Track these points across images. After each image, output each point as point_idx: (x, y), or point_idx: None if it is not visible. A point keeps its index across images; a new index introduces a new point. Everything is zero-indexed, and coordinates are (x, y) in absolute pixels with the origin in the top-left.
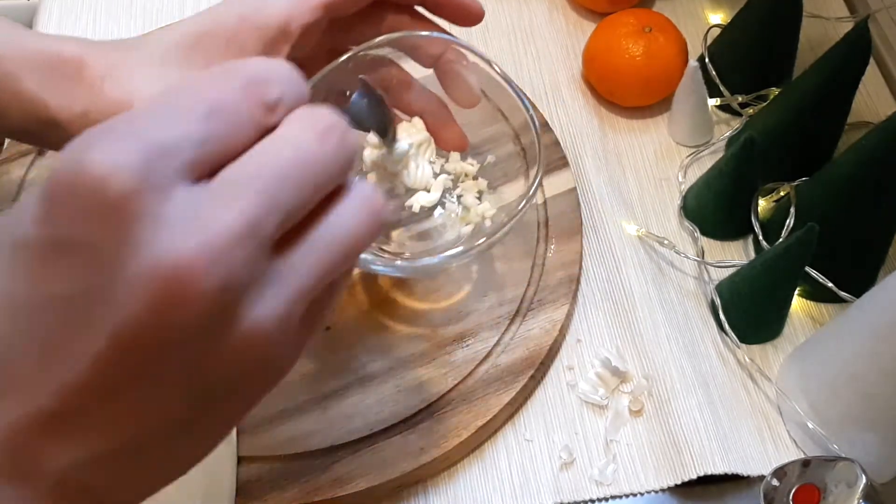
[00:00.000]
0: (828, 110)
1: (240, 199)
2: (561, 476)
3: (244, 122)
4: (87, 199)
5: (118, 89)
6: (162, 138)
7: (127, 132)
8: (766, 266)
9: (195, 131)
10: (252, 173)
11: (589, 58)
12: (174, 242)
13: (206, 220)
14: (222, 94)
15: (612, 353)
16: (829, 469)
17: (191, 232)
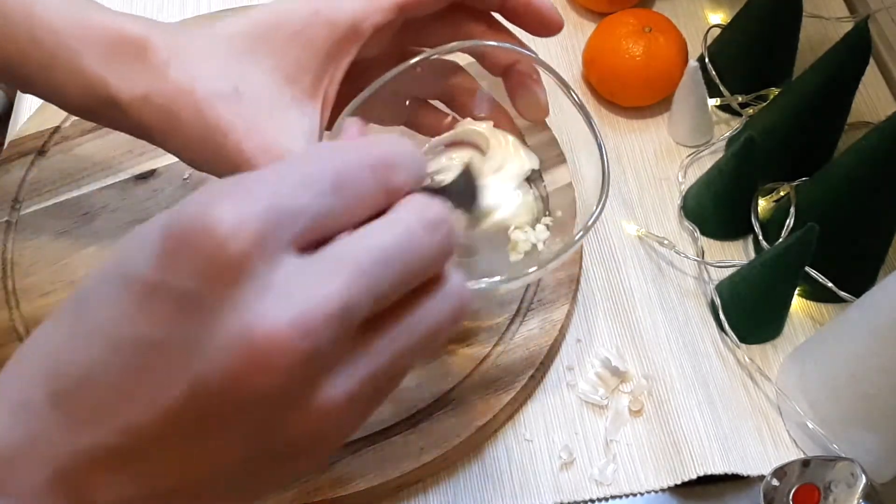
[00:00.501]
0: (828, 110)
1: (341, 277)
2: (561, 476)
3: (364, 202)
4: (206, 256)
5: (181, 74)
6: (286, 205)
7: (255, 193)
8: (766, 266)
9: (317, 204)
10: (358, 254)
11: (589, 58)
12: (272, 311)
13: (306, 295)
14: (352, 171)
15: (611, 353)
16: (829, 469)
17: (289, 304)
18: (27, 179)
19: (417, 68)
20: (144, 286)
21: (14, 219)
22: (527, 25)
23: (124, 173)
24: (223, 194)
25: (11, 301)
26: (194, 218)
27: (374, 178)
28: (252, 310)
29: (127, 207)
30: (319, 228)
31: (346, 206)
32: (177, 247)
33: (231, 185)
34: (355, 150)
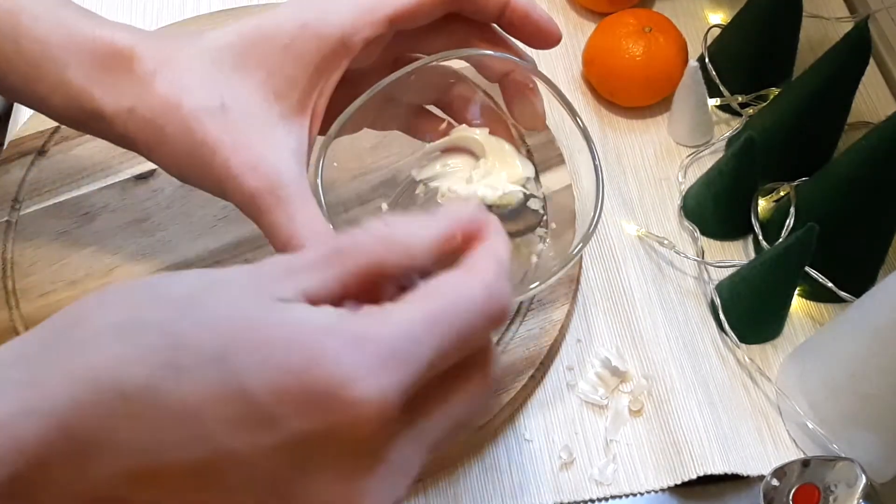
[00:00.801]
0: (828, 110)
1: (425, 454)
2: (561, 476)
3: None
4: (335, 424)
5: (168, 88)
6: (416, 377)
7: (397, 370)
8: (766, 266)
9: (432, 368)
10: (441, 429)
11: (589, 58)
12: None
13: (402, 478)
14: (475, 333)
15: (611, 353)
16: (829, 469)
17: (392, 492)
18: (27, 179)
19: (412, 76)
20: (257, 409)
21: (14, 219)
22: (525, 37)
23: (124, 173)
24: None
25: (11, 301)
26: (337, 379)
27: (488, 337)
28: (366, 494)
29: (127, 207)
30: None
31: (456, 356)
32: (307, 400)
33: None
34: (479, 310)
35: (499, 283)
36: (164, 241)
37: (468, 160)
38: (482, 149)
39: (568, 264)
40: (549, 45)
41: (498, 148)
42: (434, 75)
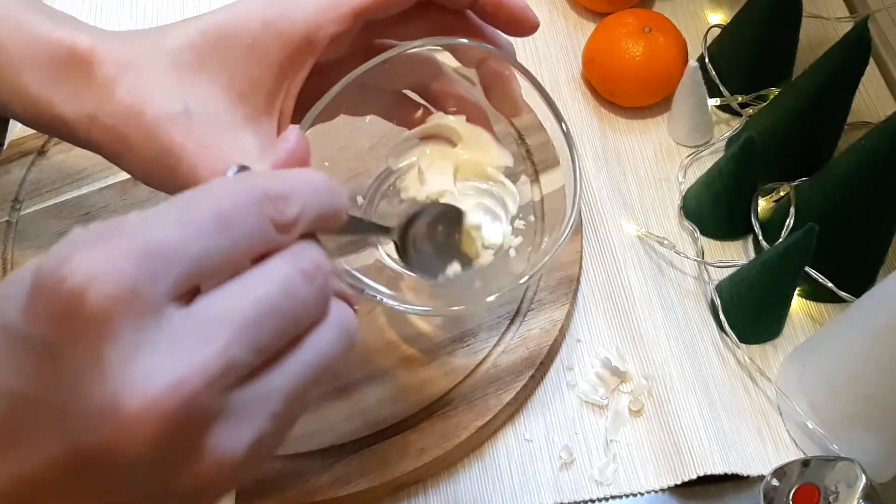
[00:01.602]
0: (828, 110)
1: (221, 335)
2: (561, 476)
3: (248, 242)
4: (61, 309)
5: (129, 95)
6: (159, 251)
7: (125, 237)
8: (766, 266)
9: (196, 247)
10: (237, 308)
11: (589, 58)
12: (146, 376)
13: (183, 357)
14: (237, 209)
15: (611, 353)
16: (829, 469)
17: (165, 368)
18: (27, 179)
19: (385, 65)
20: (13, 336)
21: (14, 219)
22: (500, 25)
23: (124, 173)
24: (89, 239)
25: None
26: (55, 265)
27: (261, 215)
28: (122, 373)
29: (127, 207)
30: (198, 274)
31: (230, 248)
32: (36, 297)
33: (101, 228)
34: (240, 184)
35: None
36: None
37: (445, 148)
38: (458, 136)
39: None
40: (525, 32)
41: (475, 135)
42: (409, 63)
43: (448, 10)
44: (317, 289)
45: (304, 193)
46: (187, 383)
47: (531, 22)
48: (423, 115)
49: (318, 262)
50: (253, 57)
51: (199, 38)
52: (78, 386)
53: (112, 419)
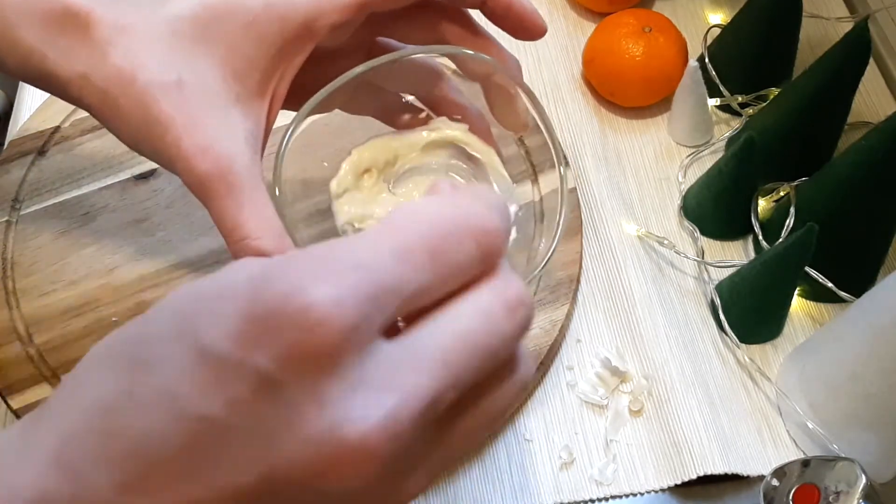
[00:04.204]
0: (828, 110)
1: (429, 372)
2: (561, 476)
3: (459, 276)
4: (294, 343)
5: (122, 59)
6: (383, 288)
7: (351, 272)
8: (766, 266)
9: (414, 282)
10: (444, 345)
11: (589, 58)
12: (362, 411)
13: (395, 392)
14: (451, 243)
15: (611, 353)
16: (829, 469)
17: (379, 403)
18: (27, 179)
19: (389, 67)
20: (221, 363)
21: (14, 219)
22: (507, 28)
23: (124, 173)
24: (317, 272)
25: (11, 301)
26: (285, 298)
27: (474, 249)
28: (341, 408)
29: (127, 207)
30: (411, 307)
31: (442, 282)
32: (263, 328)
33: (325, 261)
34: (454, 217)
35: (478, 201)
36: (164, 241)
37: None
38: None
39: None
40: (532, 37)
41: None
42: (414, 67)
43: (450, 12)
44: (518, 324)
45: (503, 222)
46: (399, 419)
47: (539, 27)
48: (425, 119)
49: (521, 296)
50: (251, 36)
51: (200, 10)
52: (293, 418)
53: (325, 450)
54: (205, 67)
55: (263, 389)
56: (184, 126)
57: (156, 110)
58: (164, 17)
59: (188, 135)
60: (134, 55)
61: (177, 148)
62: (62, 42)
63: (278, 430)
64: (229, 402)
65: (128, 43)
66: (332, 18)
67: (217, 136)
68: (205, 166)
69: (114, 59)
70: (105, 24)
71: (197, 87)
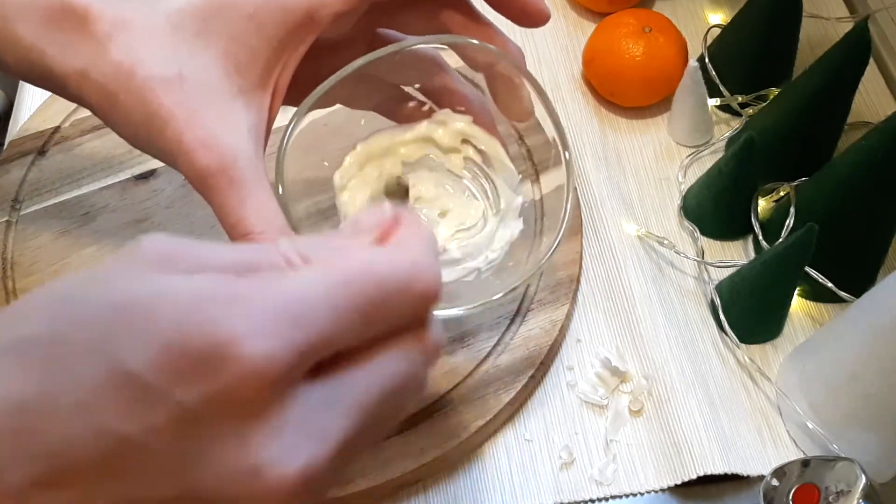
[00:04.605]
0: (827, 110)
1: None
2: (561, 476)
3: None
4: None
5: (122, 54)
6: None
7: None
8: (766, 266)
9: (344, 337)
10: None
11: (589, 58)
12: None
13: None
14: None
15: (611, 353)
16: (829, 469)
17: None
18: (27, 179)
19: (391, 58)
20: (143, 388)
21: (14, 219)
22: (511, 15)
23: (124, 173)
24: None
25: (11, 301)
26: (218, 342)
27: (409, 310)
28: (263, 450)
29: (127, 207)
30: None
31: (372, 335)
32: (192, 365)
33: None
34: (399, 279)
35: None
36: None
37: None
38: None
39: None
40: (536, 23)
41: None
42: (415, 59)
43: (455, 2)
44: (431, 367)
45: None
46: (316, 465)
47: (543, 13)
48: (429, 112)
49: (439, 343)
50: (253, 27)
51: (200, 3)
52: (214, 453)
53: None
54: (206, 60)
55: (186, 422)
56: (185, 120)
57: (156, 105)
58: (163, 12)
59: (190, 129)
60: (133, 50)
61: (178, 142)
62: (61, 38)
63: (197, 460)
64: (149, 428)
65: (127, 38)
66: (335, 7)
67: (219, 130)
68: (207, 160)
69: (113, 54)
70: (104, 19)
71: (198, 81)
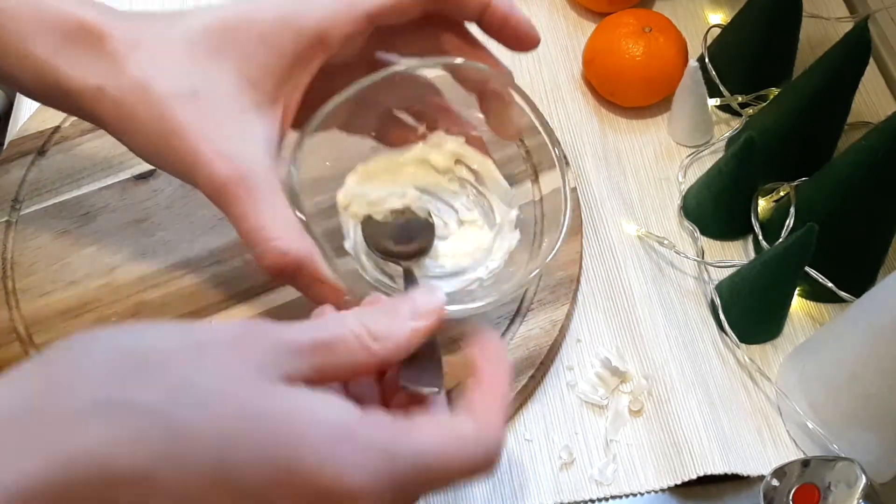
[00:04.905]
0: (827, 110)
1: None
2: (561, 476)
3: None
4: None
5: (139, 71)
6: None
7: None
8: (766, 266)
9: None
10: None
11: (589, 58)
12: None
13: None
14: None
15: (611, 353)
16: (829, 469)
17: None
18: (27, 179)
19: (387, 81)
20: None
21: (14, 219)
22: (503, 39)
23: (124, 173)
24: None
25: (11, 301)
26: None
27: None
28: None
29: (127, 207)
30: None
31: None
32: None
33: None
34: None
35: (498, 445)
36: (164, 241)
37: None
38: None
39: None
40: (526, 48)
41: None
42: (409, 81)
43: (451, 26)
44: None
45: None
46: None
47: (534, 38)
48: (423, 135)
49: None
50: (266, 46)
51: (214, 22)
52: None
53: None
54: (220, 76)
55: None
56: (201, 134)
57: (172, 120)
58: (178, 31)
59: (206, 142)
60: (149, 67)
61: (194, 155)
62: (76, 55)
63: None
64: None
65: (143, 56)
66: (345, 30)
67: (234, 142)
68: (224, 172)
69: (130, 71)
70: (119, 38)
71: (212, 96)
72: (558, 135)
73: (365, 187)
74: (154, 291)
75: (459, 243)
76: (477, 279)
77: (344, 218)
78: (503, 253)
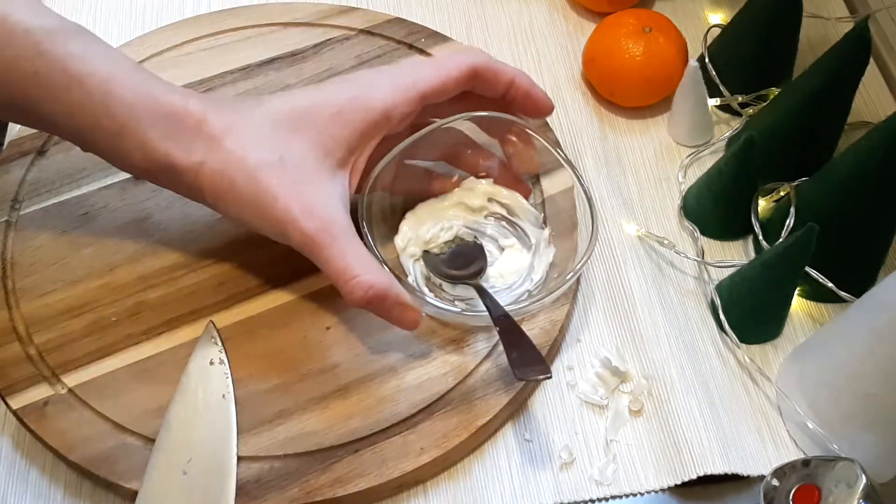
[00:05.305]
0: (828, 110)
1: None
2: (561, 476)
3: None
4: None
5: (235, 145)
6: None
7: None
8: (766, 266)
9: None
10: None
11: (589, 58)
12: None
13: None
14: None
15: (611, 353)
16: (829, 469)
17: None
18: (27, 179)
19: (433, 134)
20: None
21: (14, 219)
22: (524, 110)
23: (124, 173)
24: None
25: (11, 301)
26: None
27: None
28: None
29: (127, 207)
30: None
31: None
32: None
33: None
34: None
35: None
36: (164, 241)
37: None
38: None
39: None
40: (542, 115)
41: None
42: (444, 136)
43: (483, 99)
44: None
45: None
46: None
47: (549, 107)
48: (458, 181)
49: None
50: (339, 121)
51: (293, 106)
52: None
53: None
54: (301, 148)
55: None
56: (290, 194)
57: (265, 183)
58: (263, 113)
59: (294, 201)
60: (244, 142)
61: (286, 212)
62: (182, 138)
63: None
64: None
65: (237, 134)
66: (404, 108)
67: (318, 201)
68: (312, 224)
69: (228, 145)
70: (217, 121)
71: (296, 164)
72: (559, 135)
73: (417, 231)
74: (154, 291)
75: (504, 265)
76: (526, 291)
77: (403, 258)
78: (544, 265)
